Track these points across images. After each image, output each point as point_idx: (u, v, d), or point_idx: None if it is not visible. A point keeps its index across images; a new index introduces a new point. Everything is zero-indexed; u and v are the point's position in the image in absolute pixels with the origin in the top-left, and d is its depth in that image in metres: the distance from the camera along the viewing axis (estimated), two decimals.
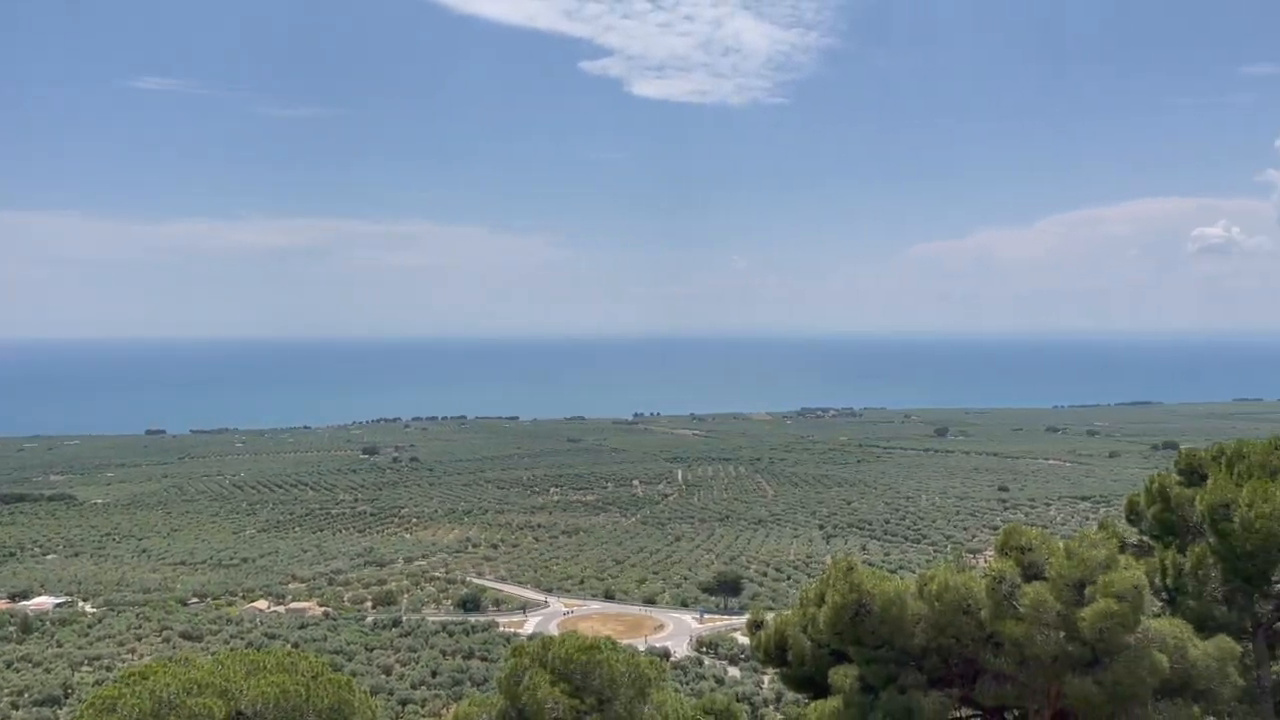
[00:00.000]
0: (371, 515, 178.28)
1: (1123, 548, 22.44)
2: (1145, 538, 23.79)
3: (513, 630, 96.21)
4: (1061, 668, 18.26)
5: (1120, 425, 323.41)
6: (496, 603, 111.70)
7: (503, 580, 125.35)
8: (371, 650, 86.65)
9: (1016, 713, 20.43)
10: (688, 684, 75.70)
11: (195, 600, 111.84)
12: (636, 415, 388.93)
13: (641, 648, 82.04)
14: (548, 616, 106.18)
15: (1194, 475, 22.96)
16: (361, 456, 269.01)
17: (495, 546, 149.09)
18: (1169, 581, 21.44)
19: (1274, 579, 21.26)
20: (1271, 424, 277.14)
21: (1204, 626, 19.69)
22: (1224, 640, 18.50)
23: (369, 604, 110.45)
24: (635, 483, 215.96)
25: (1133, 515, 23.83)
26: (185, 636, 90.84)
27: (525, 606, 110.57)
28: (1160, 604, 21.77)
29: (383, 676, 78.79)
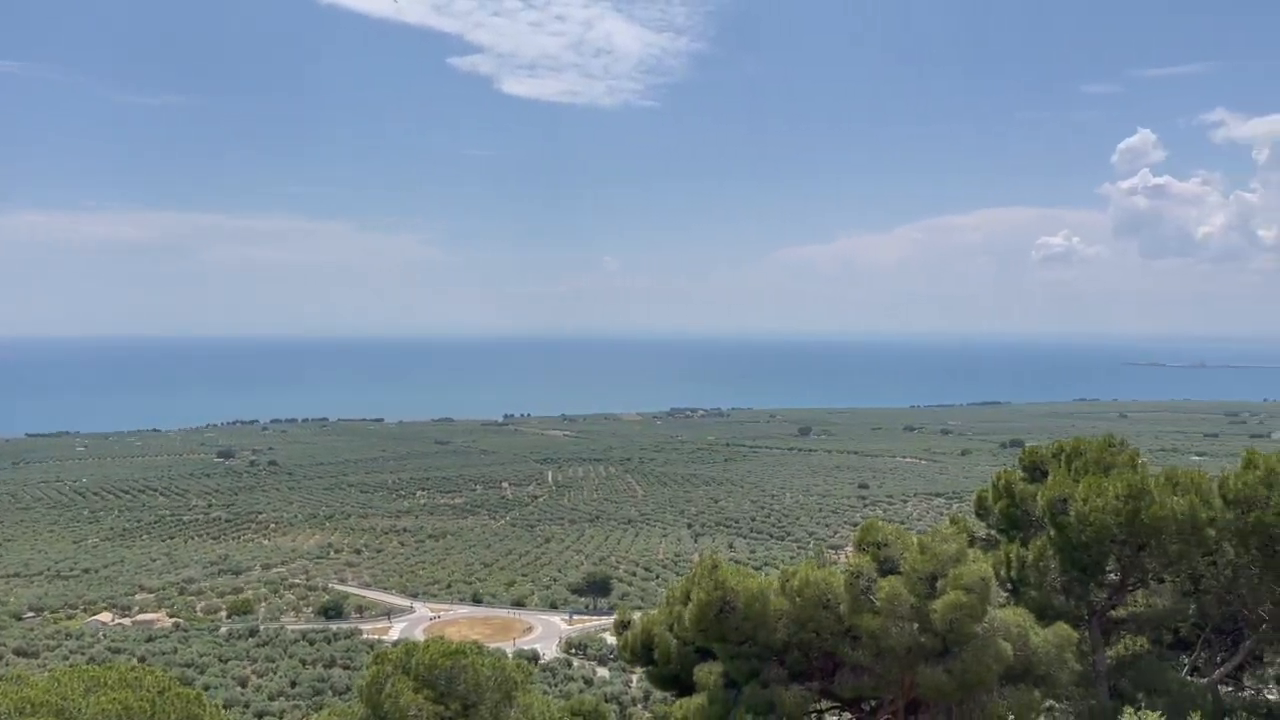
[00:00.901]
0: (227, 521, 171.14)
1: (972, 542, 23.47)
2: (993, 531, 24.93)
3: (377, 637, 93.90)
4: (915, 658, 18.94)
5: (972, 424, 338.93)
6: (360, 609, 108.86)
7: (366, 586, 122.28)
8: (226, 662, 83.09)
9: (873, 703, 21.12)
10: (556, 686, 75.43)
11: (31, 614, 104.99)
12: (507, 417, 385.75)
13: (510, 651, 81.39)
14: (413, 622, 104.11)
15: (1036, 472, 24.18)
16: (216, 460, 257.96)
17: (359, 552, 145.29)
18: (1013, 573, 22.52)
19: (1107, 569, 22.58)
20: (1108, 422, 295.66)
21: (1044, 615, 20.78)
22: (1062, 627, 19.56)
23: (223, 614, 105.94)
24: (505, 484, 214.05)
25: (981, 510, 24.93)
26: (19, 654, 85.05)
27: (390, 612, 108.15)
28: (1005, 594, 22.85)
29: (238, 689, 75.68)
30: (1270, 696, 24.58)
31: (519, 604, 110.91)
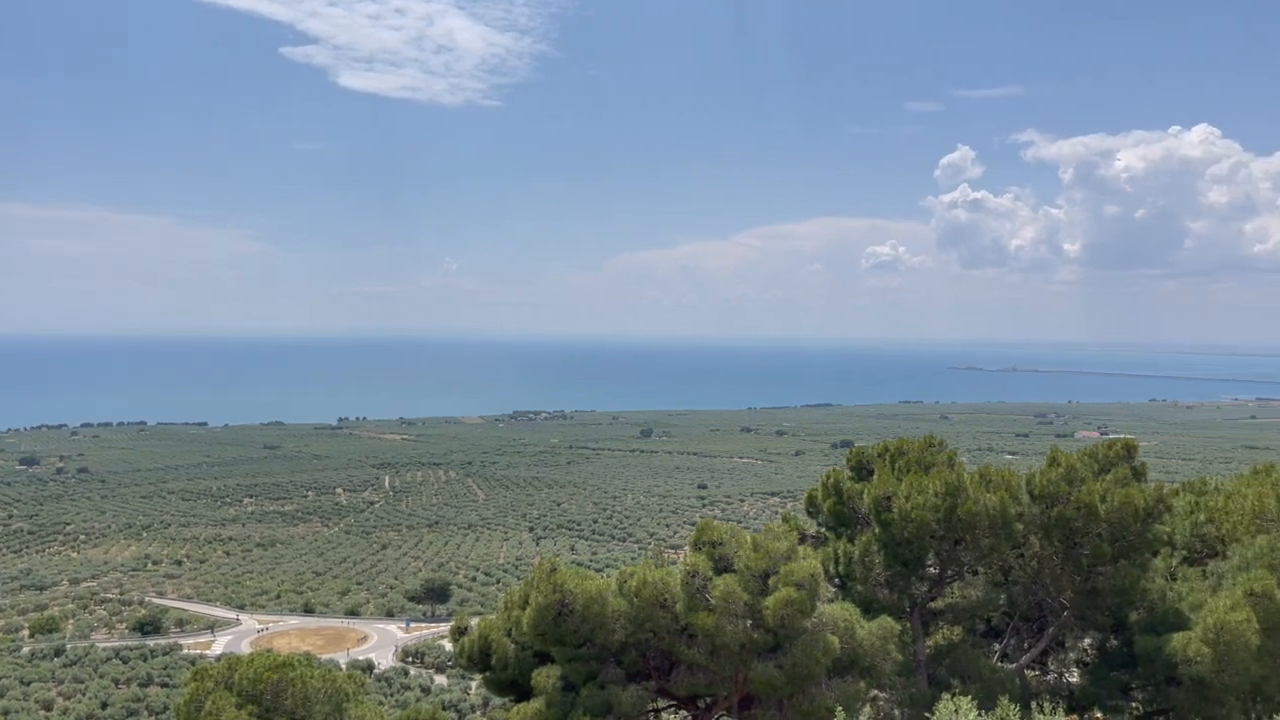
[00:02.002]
0: (30, 533, 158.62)
1: (803, 539, 24.26)
2: (823, 529, 25.82)
3: (199, 652, 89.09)
4: (748, 654, 19.39)
5: (805, 425, 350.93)
6: (180, 623, 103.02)
7: (188, 599, 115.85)
8: (29, 684, 76.94)
9: (708, 700, 21.51)
10: (393, 695, 73.52)
11: None
12: (341, 420, 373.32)
13: (343, 662, 78.73)
14: (239, 635, 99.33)
15: (863, 471, 25.20)
16: (19, 468, 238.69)
17: (179, 563, 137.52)
18: (841, 568, 23.39)
19: (927, 563, 23.74)
20: (930, 423, 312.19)
21: (870, 608, 21.66)
22: (886, 620, 20.43)
23: (25, 632, 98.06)
24: (339, 490, 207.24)
25: (811, 508, 25.78)
26: None
27: (214, 626, 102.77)
28: (834, 589, 23.72)
29: (43, 713, 70.29)
30: (1071, 679, 26.40)
31: (353, 613, 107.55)
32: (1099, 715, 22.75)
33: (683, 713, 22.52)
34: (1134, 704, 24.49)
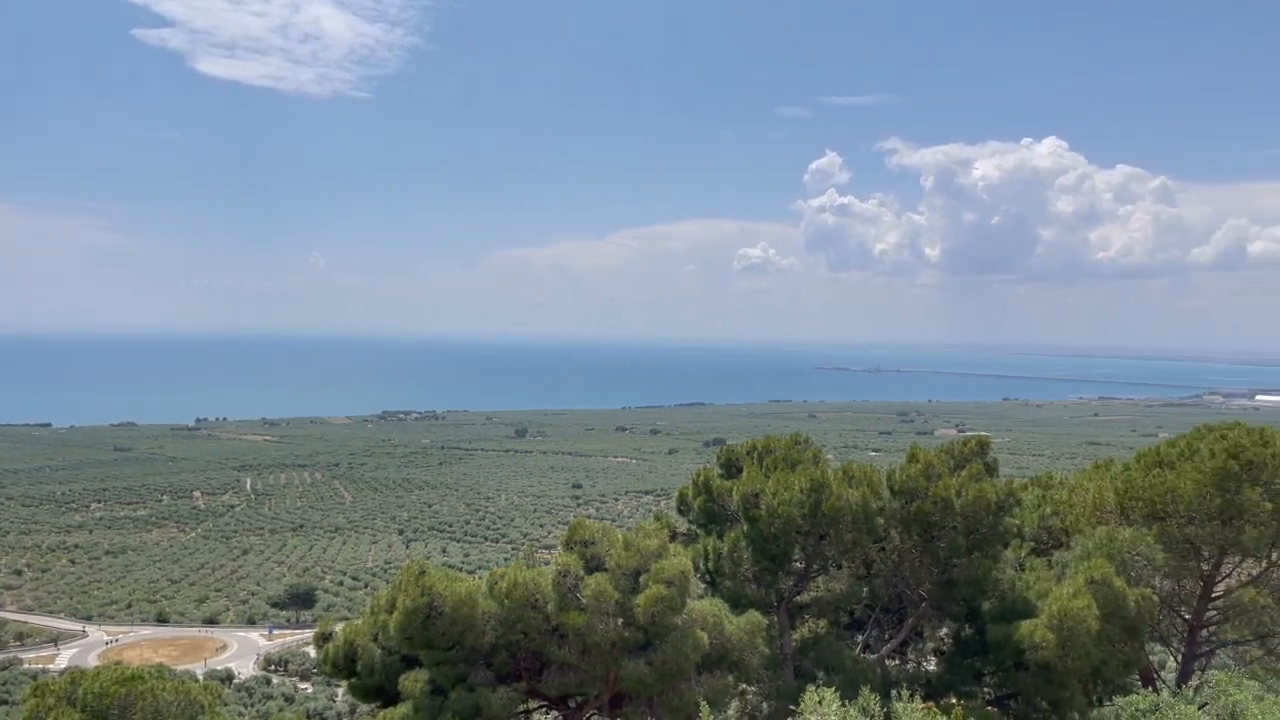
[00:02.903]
0: None
1: (674, 537, 24.50)
2: (693, 526, 26.13)
3: (41, 667, 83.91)
4: (619, 653, 19.44)
5: (678, 424, 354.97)
6: (20, 637, 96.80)
7: (29, 610, 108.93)
8: None
9: (579, 699, 21.47)
10: (254, 705, 70.89)
11: None
12: (199, 421, 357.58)
13: (200, 672, 75.53)
14: (86, 648, 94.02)
15: (732, 469, 25.62)
16: None
17: (19, 573, 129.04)
18: (711, 565, 23.72)
19: (794, 558, 24.31)
20: (799, 422, 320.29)
21: (738, 604, 22.03)
22: (753, 615, 20.81)
23: None
24: (196, 494, 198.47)
25: (683, 506, 26.06)
26: None
27: (58, 639, 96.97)
28: (704, 586, 24.01)
29: None
30: (929, 667, 27.47)
31: (212, 621, 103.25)
32: (954, 701, 23.71)
33: (554, 713, 22.43)
34: (986, 689, 25.66)
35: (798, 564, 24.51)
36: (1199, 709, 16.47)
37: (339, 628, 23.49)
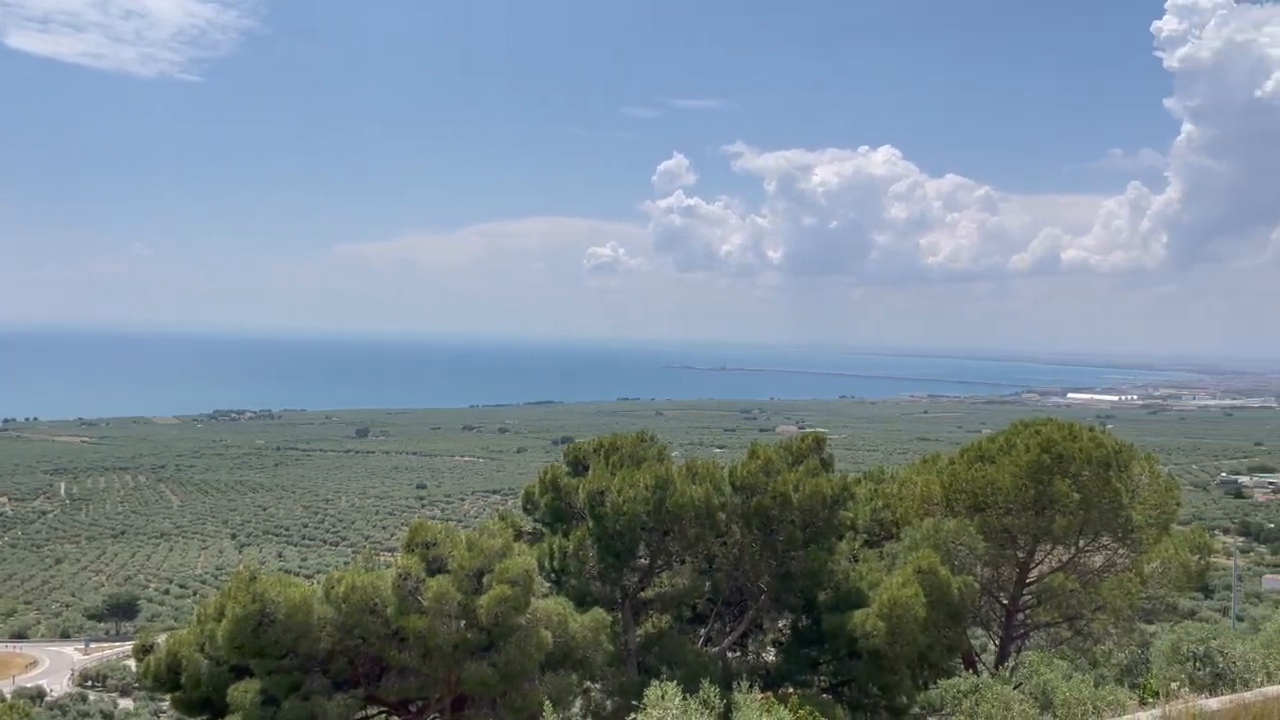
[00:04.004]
0: None
1: (519, 536, 24.32)
2: (539, 525, 26.03)
3: None
4: (461, 655, 19.15)
5: (527, 423, 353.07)
6: None
7: None
8: None
9: (420, 704, 21.03)
10: None
11: None
12: (6, 421, 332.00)
13: (7, 691, 70.33)
14: None
15: (579, 466, 25.66)
16: None
17: None
18: (556, 563, 23.68)
19: (639, 554, 24.54)
20: (646, 420, 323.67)
21: (583, 601, 22.08)
22: (598, 612, 20.88)
23: None
24: (2, 499, 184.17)
25: (529, 505, 25.92)
26: None
27: None
28: (549, 585, 23.94)
29: None
30: (768, 658, 28.25)
31: (20, 636, 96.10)
32: (791, 690, 24.44)
33: (393, 719, 21.89)
34: (821, 678, 26.59)
35: (642, 560, 24.77)
36: (1014, 688, 17.48)
37: (162, 639, 22.31)
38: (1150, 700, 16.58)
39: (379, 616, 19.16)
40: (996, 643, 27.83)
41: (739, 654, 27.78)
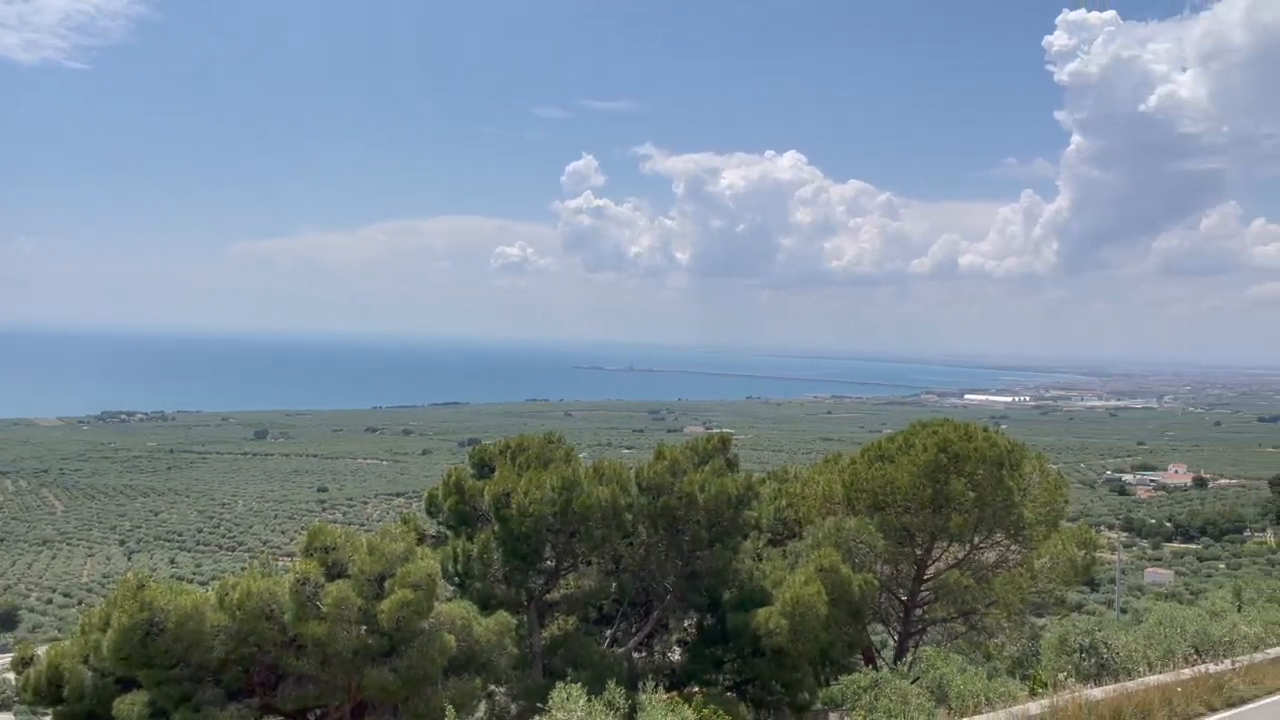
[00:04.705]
0: None
1: (421, 539, 23.92)
2: (442, 528, 25.64)
3: None
4: (362, 661, 18.72)
5: (433, 424, 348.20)
6: None
7: None
8: None
9: (318, 712, 20.50)
10: None
11: None
12: None
13: None
14: None
15: (485, 468, 25.36)
16: None
17: None
18: (460, 567, 23.35)
19: (545, 556, 24.39)
20: (555, 421, 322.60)
21: (488, 605, 21.82)
22: (502, 615, 20.66)
23: None
24: None
25: (432, 508, 25.51)
26: None
27: None
28: (453, 588, 23.62)
29: None
30: (674, 657, 28.39)
31: None
32: (696, 689, 24.60)
33: None
34: (726, 676, 26.84)
35: (548, 562, 24.63)
36: (912, 683, 17.92)
37: (43, 650, 21.34)
38: (1040, 691, 17.19)
39: (276, 623, 18.61)
40: (895, 638, 28.50)
41: (645, 654, 27.85)
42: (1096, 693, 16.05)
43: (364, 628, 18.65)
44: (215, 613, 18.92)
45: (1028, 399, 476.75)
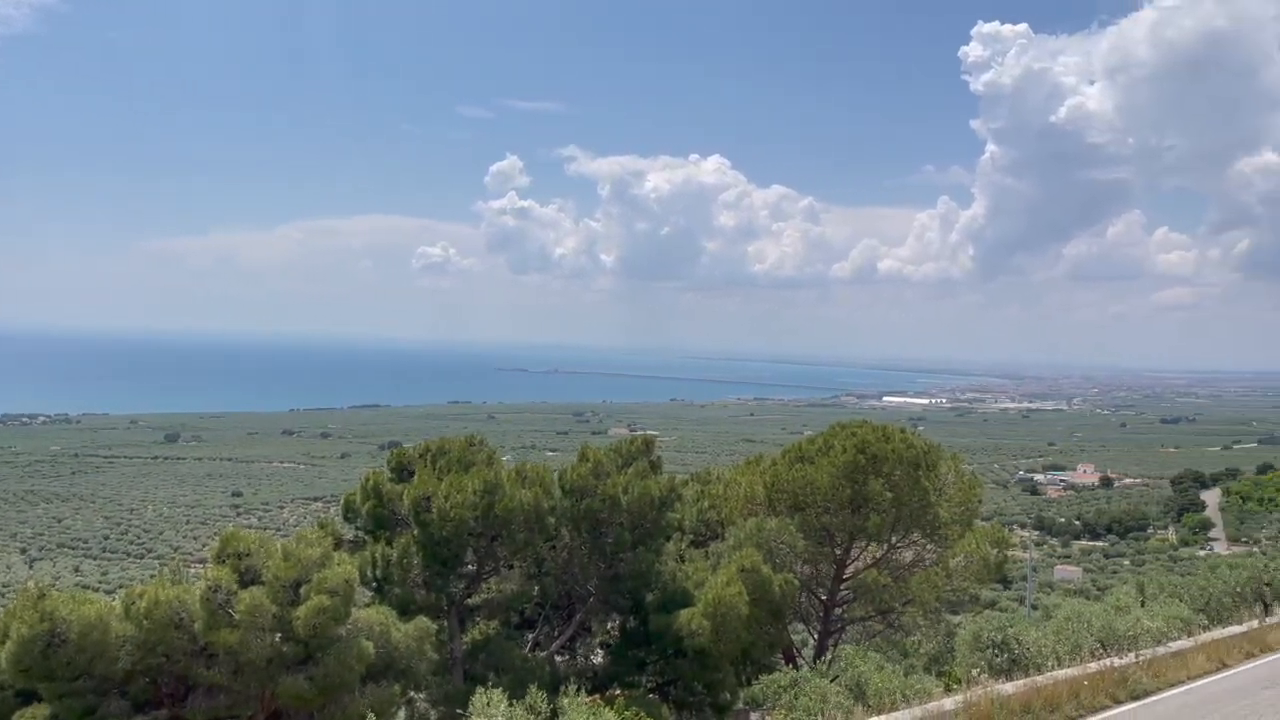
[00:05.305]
0: None
1: (339, 544, 23.45)
2: (360, 533, 25.18)
3: None
4: (276, 670, 18.27)
5: (352, 427, 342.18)
6: None
7: None
8: None
9: None
10: None
11: None
12: None
13: None
14: None
15: (404, 472, 24.99)
16: None
17: None
18: (378, 572, 22.96)
19: (466, 560, 24.13)
20: (478, 423, 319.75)
21: (407, 610, 21.47)
22: (422, 621, 20.37)
23: None
24: None
25: (350, 512, 25.04)
26: None
27: None
28: (371, 594, 23.21)
29: None
30: (596, 660, 28.32)
31: None
32: (619, 692, 24.58)
33: None
34: (649, 678, 26.87)
35: (470, 566, 24.38)
36: (831, 681, 18.16)
37: None
38: (954, 687, 17.59)
39: (185, 632, 18.07)
40: (815, 637, 28.89)
41: (568, 657, 27.74)
42: (1008, 688, 16.48)
43: (278, 635, 18.22)
44: (121, 622, 18.32)
45: (944, 401, 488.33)
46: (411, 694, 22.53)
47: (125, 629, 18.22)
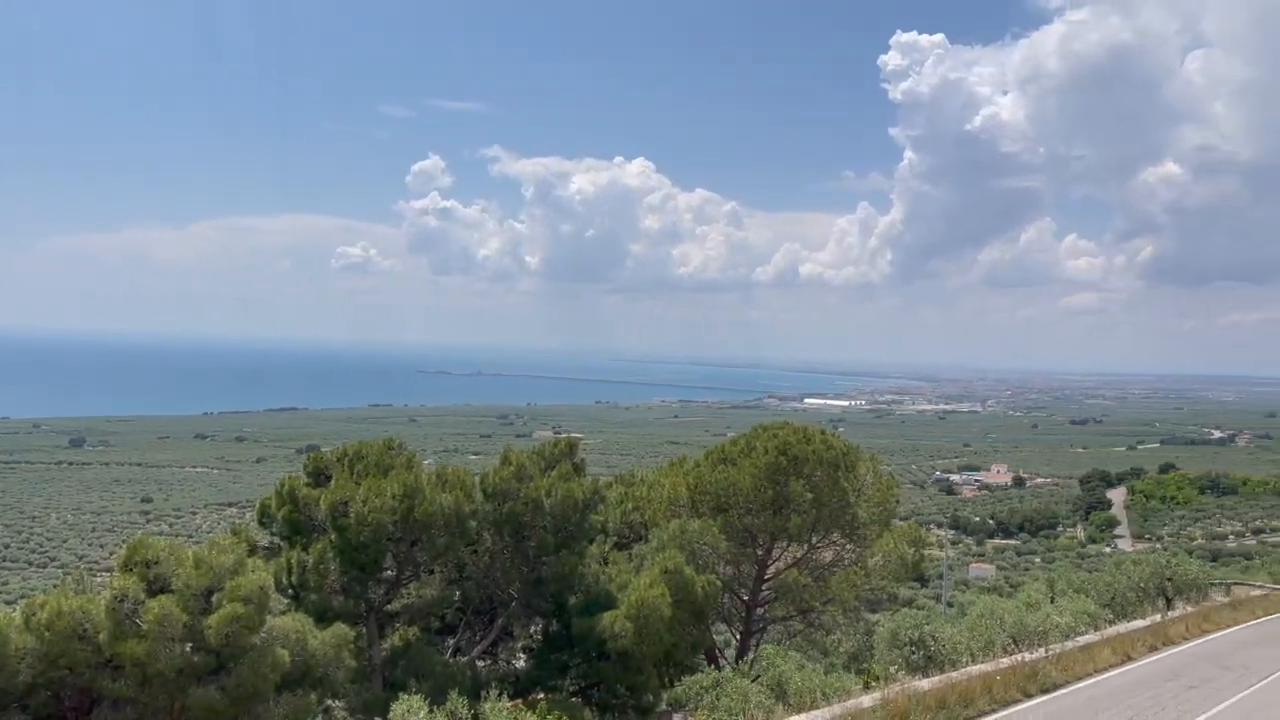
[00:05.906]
0: None
1: (254, 551, 22.81)
2: (276, 539, 24.59)
3: None
4: (187, 680, 17.73)
5: (268, 431, 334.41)
6: None
7: None
8: None
9: None
10: None
11: None
12: None
13: None
14: None
15: (321, 476, 24.47)
16: None
17: None
18: (295, 579, 22.44)
19: (385, 566, 23.72)
20: (400, 427, 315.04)
21: (325, 617, 21.03)
22: (339, 627, 19.97)
23: None
24: None
25: (265, 518, 24.43)
26: None
27: None
28: (288, 601, 22.66)
29: None
30: (519, 665, 28.12)
31: None
32: (541, 696, 24.44)
33: None
34: (572, 681, 26.77)
35: (389, 572, 23.98)
36: (753, 681, 18.32)
37: None
38: (872, 684, 17.89)
39: (90, 643, 17.43)
40: (738, 638, 29.11)
41: (489, 662, 27.49)
42: (924, 684, 16.82)
43: (189, 645, 17.68)
44: (21, 634, 17.60)
45: (863, 403, 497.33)
46: (329, 702, 22.08)
47: (26, 641, 17.52)
